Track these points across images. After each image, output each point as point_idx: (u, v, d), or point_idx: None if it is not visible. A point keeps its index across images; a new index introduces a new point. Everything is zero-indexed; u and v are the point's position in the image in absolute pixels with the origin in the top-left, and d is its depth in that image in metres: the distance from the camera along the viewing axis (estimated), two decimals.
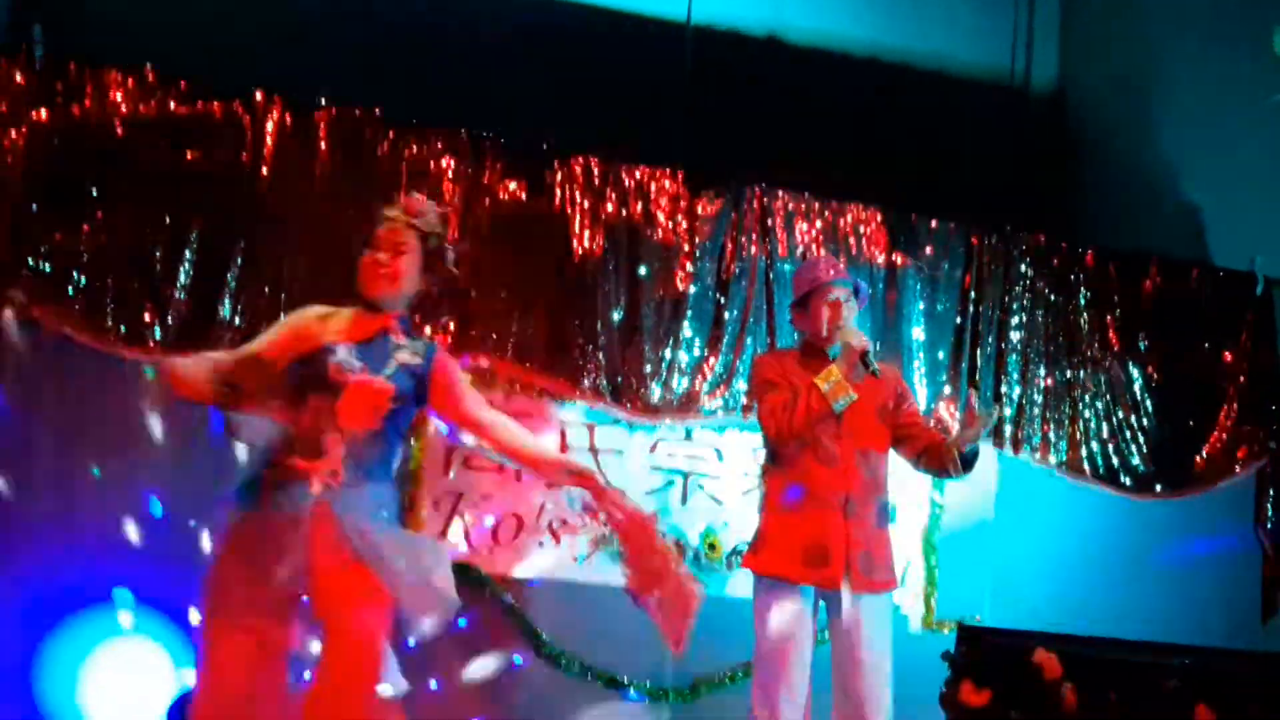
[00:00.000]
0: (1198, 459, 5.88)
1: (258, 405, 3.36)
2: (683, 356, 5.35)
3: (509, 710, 4.95)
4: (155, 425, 4.82)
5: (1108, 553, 5.73)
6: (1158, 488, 5.82)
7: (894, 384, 4.19)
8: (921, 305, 5.64)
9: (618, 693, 5.15)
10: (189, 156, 4.89)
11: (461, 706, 4.97)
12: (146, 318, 4.78)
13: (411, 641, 3.52)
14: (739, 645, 4.81)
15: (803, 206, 5.57)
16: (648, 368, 5.29)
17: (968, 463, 4.02)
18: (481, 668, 5.05)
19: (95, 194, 4.79)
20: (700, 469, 5.39)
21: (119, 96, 4.84)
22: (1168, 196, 6.49)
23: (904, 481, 4.48)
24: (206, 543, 4.79)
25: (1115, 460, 5.78)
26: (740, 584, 4.49)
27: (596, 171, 5.35)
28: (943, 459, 4.03)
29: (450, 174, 5.15)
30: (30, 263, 4.69)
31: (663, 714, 5.20)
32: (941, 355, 5.64)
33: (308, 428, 3.21)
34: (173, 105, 4.89)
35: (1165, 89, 6.63)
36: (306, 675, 3.18)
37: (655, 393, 5.29)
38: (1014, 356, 5.73)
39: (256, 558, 3.14)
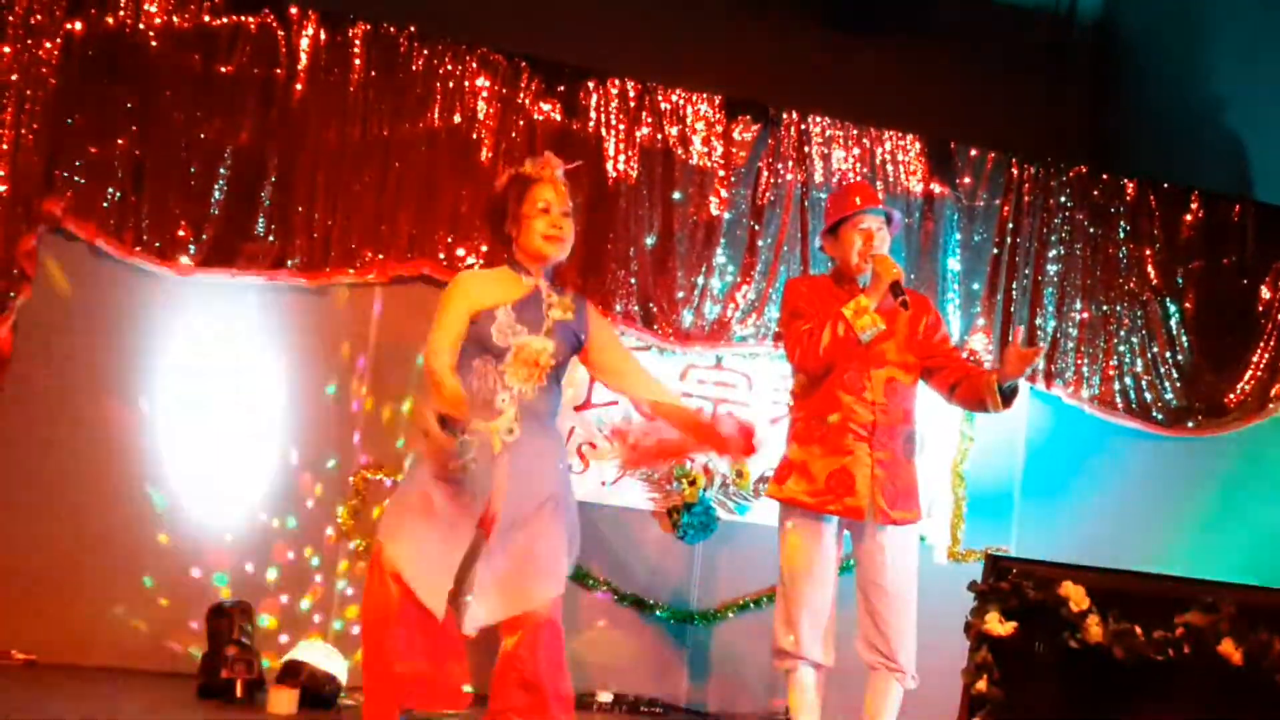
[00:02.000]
0: (1231, 396, 5.84)
1: None
2: (715, 283, 5.33)
3: None
4: (186, 337, 4.86)
5: (1137, 488, 5.71)
6: (1190, 424, 5.79)
7: (925, 314, 4.14)
8: (958, 235, 5.58)
9: (644, 614, 5.19)
10: (223, 70, 4.87)
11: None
12: (181, 233, 4.80)
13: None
14: (764, 570, 4.85)
15: (839, 133, 5.51)
16: (680, 293, 5.27)
17: (1007, 398, 3.98)
18: None
19: (130, 107, 4.78)
20: (730, 396, 5.38)
21: (153, 8, 4.81)
22: (1211, 129, 6.38)
23: (933, 412, 4.45)
24: (234, 454, 4.87)
25: (1148, 395, 5.75)
26: (767, 511, 4.49)
27: (633, 94, 5.30)
28: (980, 393, 3.98)
29: (485, 94, 5.11)
30: (65, 175, 4.70)
31: (687, 636, 5.24)
32: (976, 286, 5.59)
33: (480, 389, 3.43)
34: (207, 18, 4.86)
35: (1212, 20, 6.50)
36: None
37: (687, 319, 5.28)
38: (1050, 289, 5.68)
39: (447, 491, 3.35)
